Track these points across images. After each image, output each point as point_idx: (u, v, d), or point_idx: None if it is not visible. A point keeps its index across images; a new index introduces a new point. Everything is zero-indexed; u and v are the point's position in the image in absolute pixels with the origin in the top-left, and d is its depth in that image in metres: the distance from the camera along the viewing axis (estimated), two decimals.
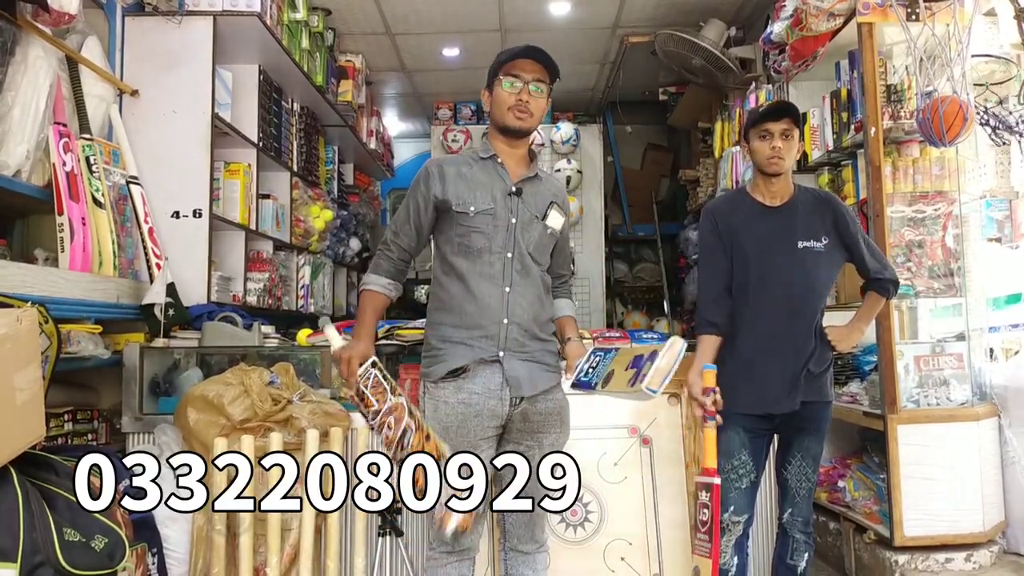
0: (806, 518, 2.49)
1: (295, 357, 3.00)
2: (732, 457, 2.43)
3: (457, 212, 2.17)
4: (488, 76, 2.27)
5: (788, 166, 2.44)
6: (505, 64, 2.21)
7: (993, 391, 3.31)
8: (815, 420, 2.44)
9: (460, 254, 2.19)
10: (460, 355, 2.15)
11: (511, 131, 2.22)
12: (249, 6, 3.56)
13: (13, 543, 1.67)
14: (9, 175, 2.55)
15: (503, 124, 2.21)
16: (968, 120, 2.97)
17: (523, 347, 2.18)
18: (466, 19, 5.14)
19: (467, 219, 2.17)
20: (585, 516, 2.74)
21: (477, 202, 2.18)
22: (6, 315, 1.77)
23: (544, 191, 2.30)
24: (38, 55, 2.64)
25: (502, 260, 2.18)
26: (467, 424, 2.15)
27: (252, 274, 3.93)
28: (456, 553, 2.20)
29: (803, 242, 2.41)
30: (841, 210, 2.49)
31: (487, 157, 2.25)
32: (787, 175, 2.47)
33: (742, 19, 5.07)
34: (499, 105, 2.21)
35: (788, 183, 2.48)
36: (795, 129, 2.41)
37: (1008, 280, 3.45)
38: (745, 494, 2.44)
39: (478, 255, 2.18)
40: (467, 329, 2.16)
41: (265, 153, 4.05)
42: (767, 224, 2.44)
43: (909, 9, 3.19)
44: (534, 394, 2.18)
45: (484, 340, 2.15)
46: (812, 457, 2.46)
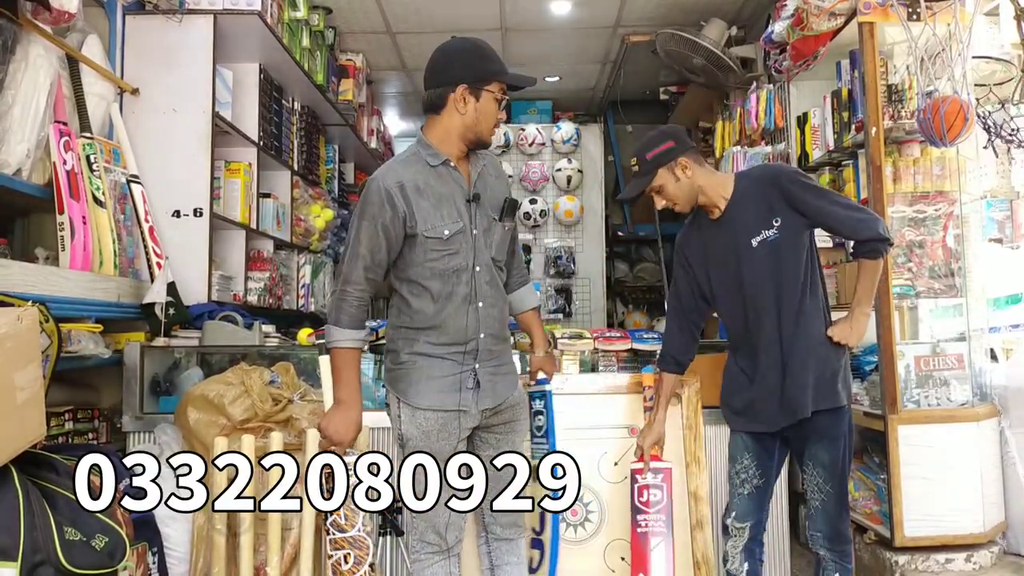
0: (827, 533, 2.28)
1: (296, 357, 3.00)
2: (735, 461, 2.39)
3: (429, 238, 2.04)
4: (474, 76, 2.04)
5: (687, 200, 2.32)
6: (499, 76, 2.08)
7: (993, 392, 3.31)
8: (821, 427, 2.27)
9: (434, 277, 2.07)
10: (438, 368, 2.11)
11: (483, 144, 2.14)
12: (249, 5, 3.56)
13: (13, 542, 1.67)
14: (9, 174, 2.55)
15: (480, 137, 2.09)
16: (969, 120, 2.97)
17: (492, 355, 2.18)
18: (467, 18, 5.13)
19: (440, 243, 2.05)
20: (585, 516, 2.74)
21: (447, 222, 2.05)
22: (7, 314, 1.77)
23: (493, 184, 2.18)
24: (39, 53, 2.64)
25: (471, 276, 2.10)
26: (447, 428, 2.13)
27: (253, 273, 3.93)
28: (443, 552, 2.18)
29: (755, 238, 2.26)
30: (786, 182, 2.25)
31: (438, 164, 2.09)
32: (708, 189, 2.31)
33: (743, 18, 5.07)
34: (485, 117, 2.07)
35: (716, 193, 2.32)
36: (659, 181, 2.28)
37: (1009, 280, 3.44)
38: (748, 500, 2.36)
39: (456, 275, 2.08)
40: (443, 345, 2.11)
41: (266, 152, 4.05)
42: (716, 238, 2.35)
43: (910, 9, 3.19)
44: (497, 403, 2.20)
45: (460, 355, 2.13)
46: (822, 466, 2.28)
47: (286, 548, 2.51)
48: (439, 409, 2.11)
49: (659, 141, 2.33)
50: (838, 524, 2.28)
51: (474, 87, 2.04)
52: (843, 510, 2.30)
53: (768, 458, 2.37)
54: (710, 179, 2.33)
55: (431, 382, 2.11)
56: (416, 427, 2.13)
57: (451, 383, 2.12)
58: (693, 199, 2.33)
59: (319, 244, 4.94)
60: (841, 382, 2.28)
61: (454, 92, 2.04)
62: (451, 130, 2.07)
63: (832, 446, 2.27)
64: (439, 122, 2.09)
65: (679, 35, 4.77)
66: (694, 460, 2.75)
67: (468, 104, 2.04)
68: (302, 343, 3.04)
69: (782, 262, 2.25)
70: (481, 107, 2.05)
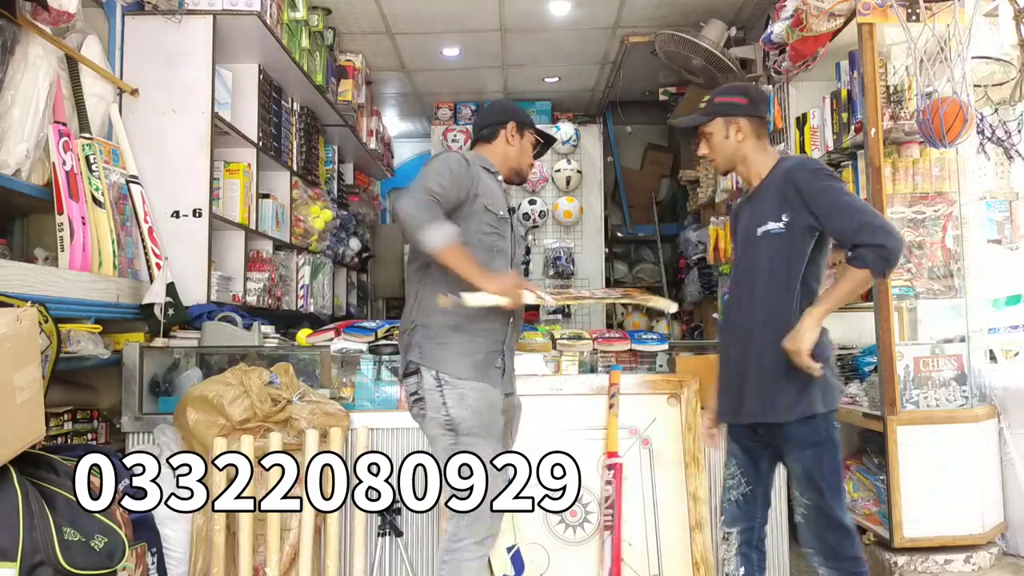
0: (818, 549, 2.15)
1: (295, 357, 3.00)
2: (726, 466, 2.34)
3: (487, 210, 2.25)
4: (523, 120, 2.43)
5: (724, 161, 2.30)
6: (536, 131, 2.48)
7: (993, 393, 3.31)
8: (792, 435, 2.13)
9: (481, 249, 2.21)
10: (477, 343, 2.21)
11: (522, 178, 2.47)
12: (249, 5, 3.55)
13: (13, 542, 1.67)
14: (9, 174, 2.55)
15: (521, 173, 2.45)
16: (968, 121, 2.97)
17: (511, 348, 2.35)
18: (466, 19, 5.14)
19: (495, 220, 2.27)
20: (585, 516, 2.74)
21: (500, 207, 2.30)
22: (6, 314, 1.77)
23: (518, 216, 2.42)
24: (38, 54, 2.64)
25: (507, 266, 2.29)
26: (494, 404, 2.21)
27: (252, 274, 3.93)
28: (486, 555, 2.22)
29: (761, 227, 2.18)
30: (801, 178, 2.13)
31: (495, 171, 2.38)
32: (750, 162, 2.27)
33: (742, 19, 5.07)
34: (525, 154, 2.44)
35: (754, 170, 2.27)
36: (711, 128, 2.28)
37: (1008, 281, 3.45)
38: (735, 506, 2.28)
39: (498, 255, 2.27)
40: (480, 321, 2.20)
41: (265, 153, 4.05)
42: (742, 215, 2.32)
43: (909, 10, 3.19)
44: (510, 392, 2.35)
45: (493, 335, 2.24)
46: (796, 477, 2.16)
47: (286, 548, 2.51)
48: (482, 381, 2.19)
49: (734, 92, 2.33)
50: (826, 537, 2.12)
51: (520, 127, 2.43)
52: (830, 523, 2.11)
53: (753, 467, 2.26)
54: (756, 155, 2.27)
55: (471, 357, 2.20)
56: (466, 408, 2.16)
57: (486, 359, 2.22)
58: (732, 163, 2.31)
59: (318, 245, 4.94)
60: (818, 390, 2.10)
61: (506, 128, 2.41)
62: (500, 157, 2.41)
63: (802, 455, 2.12)
64: (491, 149, 2.42)
65: (678, 36, 4.78)
66: (693, 461, 2.75)
67: (515, 138, 2.42)
68: (301, 344, 3.04)
69: (774, 260, 2.16)
70: (523, 144, 2.43)
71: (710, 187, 5.51)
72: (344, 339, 2.91)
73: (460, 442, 2.14)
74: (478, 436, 2.15)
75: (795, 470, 2.17)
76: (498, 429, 2.21)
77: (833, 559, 2.13)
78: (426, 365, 2.19)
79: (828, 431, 2.13)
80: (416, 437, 2.78)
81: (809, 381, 2.08)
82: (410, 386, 2.24)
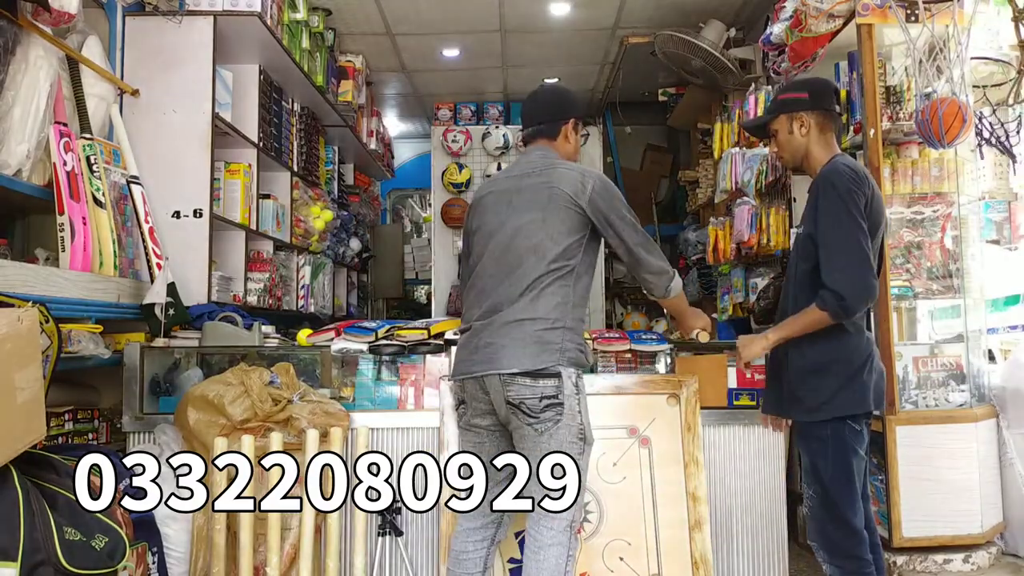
0: (820, 543, 2.21)
1: (295, 357, 3.00)
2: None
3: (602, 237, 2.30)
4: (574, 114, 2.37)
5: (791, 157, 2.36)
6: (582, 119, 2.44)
7: (991, 392, 3.32)
8: (802, 428, 2.27)
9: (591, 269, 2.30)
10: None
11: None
12: (249, 6, 3.56)
13: (14, 542, 1.67)
14: (10, 174, 2.56)
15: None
16: (967, 122, 2.98)
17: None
18: (466, 19, 5.14)
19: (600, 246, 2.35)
20: (584, 516, 2.74)
21: None
22: (7, 315, 1.77)
23: None
24: (39, 55, 2.64)
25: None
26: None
27: (252, 274, 3.94)
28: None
29: (798, 227, 2.36)
30: (821, 189, 2.19)
31: None
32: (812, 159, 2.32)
33: (742, 20, 5.08)
34: (577, 151, 2.42)
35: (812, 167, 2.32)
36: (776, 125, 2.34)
37: (1006, 282, 3.46)
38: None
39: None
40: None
41: (265, 153, 4.05)
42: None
43: (908, 11, 3.20)
44: None
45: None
46: (804, 468, 2.30)
47: (286, 548, 2.51)
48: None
49: (796, 88, 2.37)
50: (828, 531, 2.18)
51: (576, 123, 2.37)
52: (833, 519, 2.17)
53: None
54: (819, 150, 2.30)
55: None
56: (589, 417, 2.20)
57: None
58: (798, 159, 2.35)
59: (319, 245, 4.95)
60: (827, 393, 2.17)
61: (567, 124, 2.35)
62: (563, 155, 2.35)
63: (808, 449, 2.23)
64: (555, 147, 2.36)
65: (678, 37, 4.78)
66: (692, 460, 2.76)
67: (573, 135, 2.38)
68: (301, 344, 3.04)
69: (800, 264, 2.27)
70: (578, 139, 2.40)
71: (709, 187, 5.52)
72: (345, 339, 2.92)
73: (585, 452, 2.17)
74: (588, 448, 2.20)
75: (804, 461, 2.29)
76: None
77: (836, 556, 2.17)
78: (571, 369, 2.14)
79: (837, 430, 2.17)
80: (416, 437, 2.79)
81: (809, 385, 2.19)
82: (544, 388, 2.10)
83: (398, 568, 2.71)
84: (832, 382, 2.18)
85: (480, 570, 2.25)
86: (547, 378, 2.09)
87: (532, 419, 2.10)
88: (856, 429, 2.18)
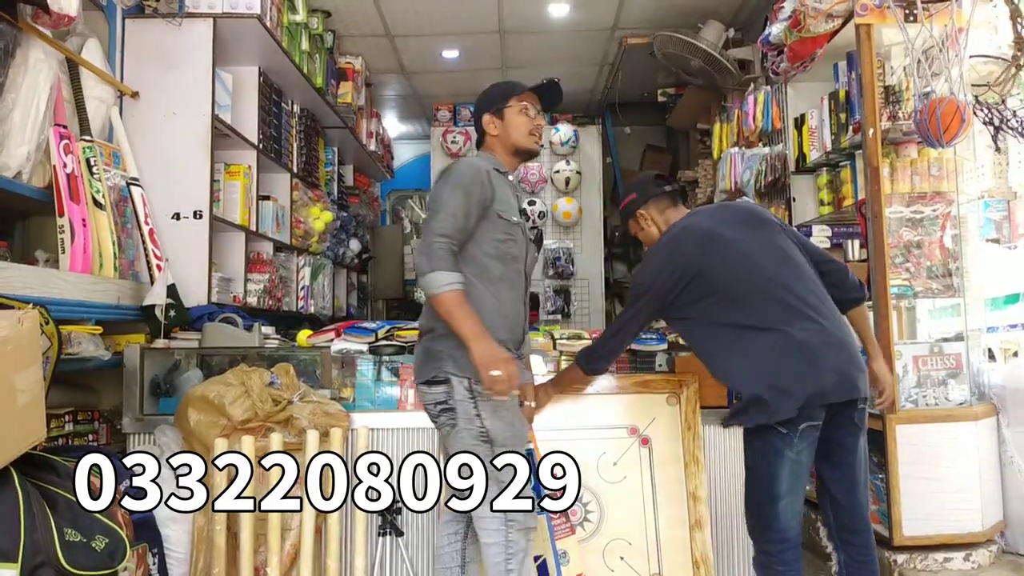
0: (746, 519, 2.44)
1: (295, 358, 3.00)
2: None
3: (500, 217, 2.23)
4: (493, 102, 2.35)
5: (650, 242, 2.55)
6: (518, 94, 2.34)
7: (991, 391, 3.32)
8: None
9: (496, 258, 2.22)
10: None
11: (530, 153, 2.37)
12: (249, 8, 3.57)
13: (14, 544, 1.67)
14: (10, 177, 2.56)
15: (525, 147, 2.34)
16: (966, 121, 2.98)
17: (522, 358, 2.35)
18: (466, 21, 5.15)
19: (507, 226, 2.25)
20: (584, 516, 2.75)
21: (513, 211, 2.28)
22: (7, 316, 1.77)
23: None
24: (38, 57, 2.65)
25: (523, 272, 2.32)
26: (520, 418, 2.23)
27: (252, 275, 3.94)
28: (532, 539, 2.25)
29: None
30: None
31: (505, 171, 2.35)
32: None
33: (740, 20, 5.08)
34: (518, 129, 2.32)
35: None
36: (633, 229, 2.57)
37: (1006, 280, 3.46)
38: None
39: (512, 262, 2.26)
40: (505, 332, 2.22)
41: (265, 155, 4.06)
42: None
43: (907, 10, 3.20)
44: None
45: (510, 343, 2.25)
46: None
47: (286, 548, 2.52)
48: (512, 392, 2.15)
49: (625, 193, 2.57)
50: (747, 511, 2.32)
51: (494, 111, 2.35)
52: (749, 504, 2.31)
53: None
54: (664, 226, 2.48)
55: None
56: (500, 419, 2.14)
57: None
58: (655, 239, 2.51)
59: (318, 246, 4.95)
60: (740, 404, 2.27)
61: (483, 122, 2.37)
62: (498, 150, 2.37)
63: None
64: (489, 147, 2.39)
65: (677, 37, 4.79)
66: (693, 460, 2.76)
67: (496, 124, 2.35)
68: (301, 344, 3.04)
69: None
70: (508, 121, 2.33)
71: (709, 187, 5.52)
72: (344, 340, 2.92)
73: (497, 454, 2.14)
74: (511, 448, 2.15)
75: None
76: (525, 438, 2.25)
77: (752, 536, 2.32)
78: (459, 375, 2.14)
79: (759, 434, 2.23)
80: (416, 437, 2.79)
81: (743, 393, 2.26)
82: (436, 395, 2.18)
83: (398, 568, 2.72)
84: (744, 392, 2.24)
85: (458, 563, 2.30)
86: (437, 385, 2.18)
87: (435, 423, 2.25)
88: (783, 432, 2.18)
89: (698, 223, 2.37)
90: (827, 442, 2.25)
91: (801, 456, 2.20)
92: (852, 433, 2.27)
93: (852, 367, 2.21)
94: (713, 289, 2.25)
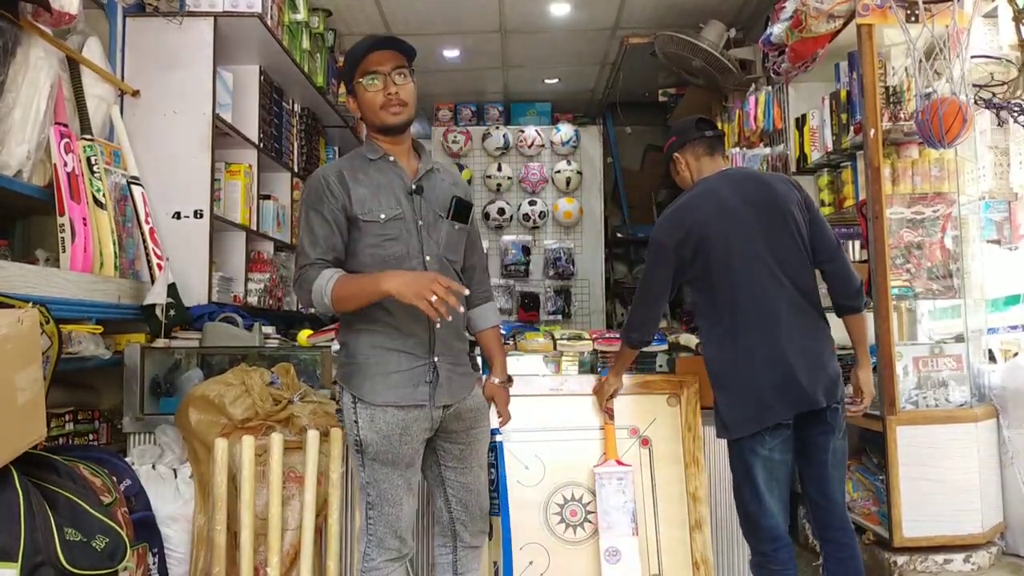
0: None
1: (296, 357, 3.00)
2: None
3: (365, 222, 2.04)
4: (345, 80, 2.19)
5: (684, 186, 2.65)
6: (360, 63, 2.11)
7: (992, 392, 3.31)
8: None
9: (375, 264, 2.04)
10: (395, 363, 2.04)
11: (392, 128, 2.15)
12: (250, 7, 3.57)
13: (14, 543, 1.67)
14: (10, 175, 2.56)
15: (382, 124, 2.13)
16: (967, 121, 2.98)
17: (450, 350, 2.13)
18: (466, 20, 5.15)
19: (378, 227, 2.05)
20: (585, 516, 2.75)
21: (384, 207, 2.06)
22: (7, 315, 1.77)
23: (444, 185, 2.21)
24: (39, 55, 2.65)
25: (421, 265, 2.07)
26: (408, 430, 2.03)
27: (253, 275, 3.94)
28: (401, 558, 2.10)
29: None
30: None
31: (377, 158, 2.14)
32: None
33: (742, 20, 5.08)
34: (370, 107, 2.12)
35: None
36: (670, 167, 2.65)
37: (1007, 281, 3.45)
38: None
39: (398, 263, 2.04)
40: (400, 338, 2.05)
41: (266, 154, 4.05)
42: None
43: (908, 11, 3.20)
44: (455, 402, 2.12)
45: (417, 347, 2.07)
46: None
47: (286, 548, 2.51)
48: (397, 405, 2.02)
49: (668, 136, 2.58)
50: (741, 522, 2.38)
51: (351, 90, 2.19)
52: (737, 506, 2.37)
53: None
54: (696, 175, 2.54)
55: (388, 377, 2.03)
56: (375, 431, 2.02)
57: (409, 377, 2.04)
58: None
59: None
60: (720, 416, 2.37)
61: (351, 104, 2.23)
62: (368, 131, 2.23)
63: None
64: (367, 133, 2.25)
65: (678, 37, 4.78)
66: (693, 461, 2.76)
67: (353, 104, 2.21)
68: (302, 344, 3.04)
69: None
70: (362, 100, 2.16)
71: None
72: None
73: (364, 464, 2.05)
74: (381, 463, 2.02)
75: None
76: (408, 457, 2.05)
77: (746, 538, 2.38)
78: (345, 386, 2.08)
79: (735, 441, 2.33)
80: None
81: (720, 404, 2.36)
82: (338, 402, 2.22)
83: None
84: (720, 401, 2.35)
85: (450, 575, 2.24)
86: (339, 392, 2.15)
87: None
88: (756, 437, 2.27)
89: (720, 190, 2.40)
90: (801, 440, 2.32)
91: (774, 453, 2.27)
92: (824, 432, 2.31)
93: (813, 380, 2.26)
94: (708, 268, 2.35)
